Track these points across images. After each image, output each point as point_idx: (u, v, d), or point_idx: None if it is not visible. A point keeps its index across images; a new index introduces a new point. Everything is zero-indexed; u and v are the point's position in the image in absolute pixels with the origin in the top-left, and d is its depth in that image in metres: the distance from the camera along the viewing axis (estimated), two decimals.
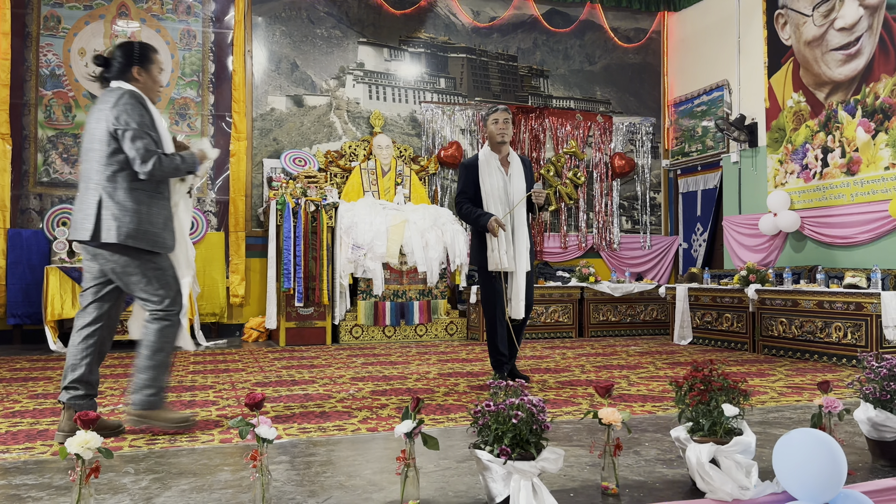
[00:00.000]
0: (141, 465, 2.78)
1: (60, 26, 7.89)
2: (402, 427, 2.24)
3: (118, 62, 3.36)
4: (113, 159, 3.21)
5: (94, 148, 3.25)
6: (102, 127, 3.22)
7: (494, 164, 4.78)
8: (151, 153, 3.20)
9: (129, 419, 3.34)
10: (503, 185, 4.75)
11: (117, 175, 3.22)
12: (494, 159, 4.79)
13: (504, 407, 2.26)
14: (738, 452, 2.37)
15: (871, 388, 2.79)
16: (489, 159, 4.79)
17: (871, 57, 7.29)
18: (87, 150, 3.30)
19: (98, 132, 3.24)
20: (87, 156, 3.28)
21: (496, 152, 4.82)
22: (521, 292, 4.70)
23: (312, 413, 3.84)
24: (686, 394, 2.51)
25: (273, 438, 2.19)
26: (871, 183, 7.21)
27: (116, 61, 3.37)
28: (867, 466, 2.79)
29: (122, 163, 3.22)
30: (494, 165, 4.77)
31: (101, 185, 3.21)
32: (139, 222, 3.23)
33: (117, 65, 3.37)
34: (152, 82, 3.46)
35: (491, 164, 4.77)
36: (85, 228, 3.20)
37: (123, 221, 3.19)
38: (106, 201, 3.20)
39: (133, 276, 3.27)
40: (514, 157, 4.88)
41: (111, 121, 3.19)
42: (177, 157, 3.34)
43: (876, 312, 5.61)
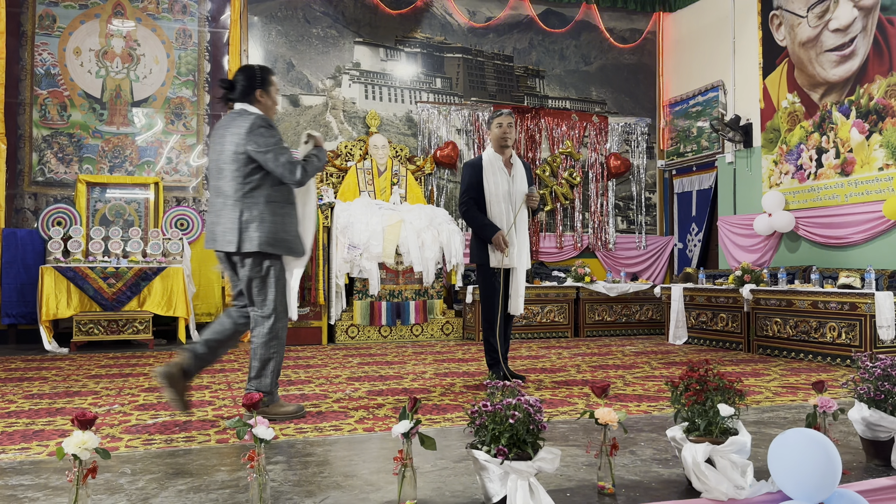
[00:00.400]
0: (138, 466, 2.78)
1: (56, 25, 7.88)
2: (399, 427, 2.25)
3: (242, 85, 3.62)
4: (250, 178, 3.51)
5: (227, 168, 3.53)
6: (234, 150, 3.50)
7: (498, 165, 4.86)
8: (295, 164, 3.51)
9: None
10: (507, 186, 4.82)
11: (254, 191, 3.52)
12: (498, 161, 4.87)
13: (501, 407, 2.27)
14: (733, 452, 2.39)
15: (866, 387, 2.81)
16: (493, 161, 4.87)
17: (866, 58, 7.32)
18: (218, 168, 3.58)
19: (231, 153, 3.51)
20: (220, 174, 3.56)
21: (500, 154, 4.90)
22: (521, 289, 4.86)
23: (309, 413, 3.85)
24: (682, 394, 2.52)
25: (270, 439, 2.19)
26: (866, 183, 7.24)
27: (240, 84, 3.62)
28: (861, 466, 2.81)
29: (257, 180, 3.52)
30: (498, 167, 4.85)
31: (241, 201, 3.51)
32: (275, 231, 3.54)
33: (241, 88, 3.62)
34: (272, 102, 3.71)
35: (494, 166, 4.85)
36: (229, 241, 3.53)
37: (262, 231, 3.51)
38: (245, 215, 3.50)
39: (255, 279, 3.60)
40: (516, 158, 4.97)
41: (251, 147, 3.47)
42: (312, 159, 3.64)
43: (870, 312, 5.63)
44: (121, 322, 7.10)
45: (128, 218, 7.94)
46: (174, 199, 8.21)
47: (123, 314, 7.13)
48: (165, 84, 8.24)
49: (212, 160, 3.64)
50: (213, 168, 3.62)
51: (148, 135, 8.12)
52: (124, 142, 8.05)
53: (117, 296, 7.15)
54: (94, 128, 7.95)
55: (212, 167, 3.64)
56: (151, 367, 5.71)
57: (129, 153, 8.06)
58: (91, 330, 7.01)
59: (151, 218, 7.98)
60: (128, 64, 8.12)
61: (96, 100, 7.98)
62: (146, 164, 8.12)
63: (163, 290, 7.28)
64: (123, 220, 7.92)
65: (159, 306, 7.26)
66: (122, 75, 8.09)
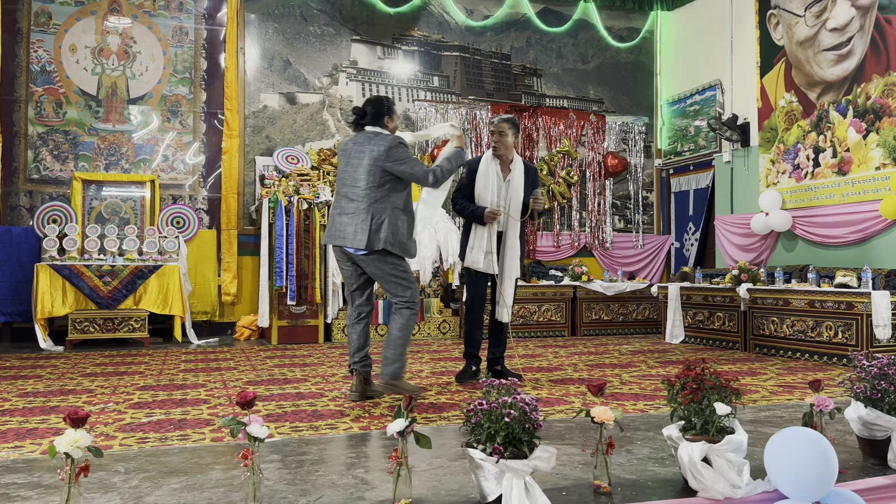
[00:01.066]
0: (132, 464, 2.76)
1: (51, 22, 7.85)
2: (394, 426, 2.24)
3: (372, 112, 4.22)
4: (382, 188, 4.10)
5: (363, 178, 4.12)
6: (372, 163, 4.09)
7: (494, 168, 4.83)
8: (428, 170, 4.17)
9: (381, 386, 4.21)
10: (497, 189, 4.80)
11: (384, 199, 4.11)
12: (494, 164, 4.84)
13: (497, 405, 2.26)
14: (730, 451, 2.38)
15: (862, 386, 2.80)
16: (490, 163, 4.84)
17: (863, 57, 7.32)
18: (353, 176, 4.15)
19: (368, 166, 4.10)
20: (356, 183, 4.13)
21: (497, 158, 4.87)
22: (507, 298, 4.83)
23: (304, 412, 3.83)
24: (678, 392, 2.51)
25: (265, 437, 2.18)
26: (863, 183, 7.24)
27: (371, 111, 4.22)
28: (858, 465, 2.80)
29: (386, 191, 4.12)
30: (494, 170, 4.82)
31: (373, 207, 4.08)
32: (396, 234, 4.12)
33: (372, 114, 4.22)
34: (394, 126, 4.30)
35: (490, 168, 4.82)
36: (360, 240, 4.06)
37: (388, 233, 4.08)
38: (376, 219, 4.08)
39: (389, 274, 4.16)
40: (518, 164, 4.90)
41: (389, 163, 4.07)
42: (443, 163, 4.28)
43: (866, 312, 5.63)
44: (116, 320, 7.08)
45: (123, 216, 7.91)
46: (170, 196, 8.18)
47: (119, 312, 7.10)
48: (161, 81, 8.22)
49: (346, 170, 4.20)
50: (347, 177, 4.19)
51: (144, 132, 8.10)
52: (120, 139, 8.03)
53: (113, 294, 7.12)
54: (90, 125, 7.93)
55: (346, 176, 4.20)
56: (147, 366, 5.69)
57: (125, 151, 8.04)
58: (86, 328, 6.98)
59: (147, 216, 7.96)
60: (124, 61, 8.09)
61: (92, 97, 7.95)
62: (142, 161, 8.10)
63: (159, 289, 7.26)
64: (119, 217, 7.89)
65: (155, 304, 7.24)
66: (118, 72, 8.06)
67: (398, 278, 4.19)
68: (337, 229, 4.17)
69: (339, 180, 4.25)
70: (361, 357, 4.27)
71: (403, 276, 4.21)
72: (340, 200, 4.21)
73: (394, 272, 4.17)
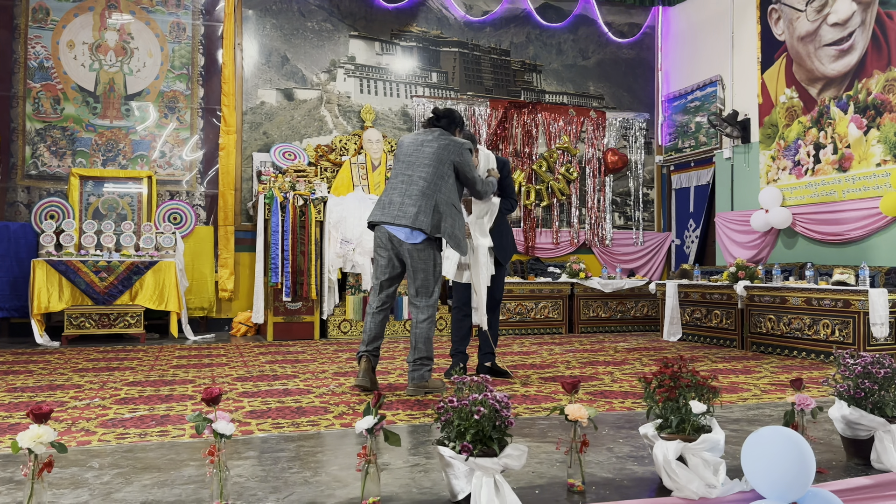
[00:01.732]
0: (107, 460, 2.75)
1: (49, 18, 7.85)
2: (362, 423, 2.21)
3: (447, 122, 4.42)
4: (448, 182, 4.21)
5: (428, 164, 4.20)
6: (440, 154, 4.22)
7: None
8: (481, 181, 4.42)
9: (412, 391, 4.20)
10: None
11: (449, 192, 4.22)
12: None
13: (467, 403, 2.23)
14: (705, 450, 2.34)
15: (846, 385, 2.76)
16: None
17: (864, 52, 7.24)
18: (419, 161, 4.22)
19: (435, 155, 4.22)
20: (418, 166, 4.21)
21: None
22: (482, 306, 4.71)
23: (289, 408, 3.81)
24: (654, 391, 2.48)
25: (230, 434, 2.16)
26: (863, 179, 7.17)
27: (446, 120, 4.42)
28: (841, 465, 2.76)
29: (451, 185, 4.24)
30: None
31: (436, 194, 4.15)
32: (454, 227, 4.20)
33: (446, 122, 4.42)
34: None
35: None
36: (422, 221, 4.07)
37: (448, 224, 4.15)
38: (440, 207, 4.14)
39: (431, 268, 4.19)
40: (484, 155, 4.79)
41: (458, 159, 4.24)
42: (489, 182, 4.52)
43: (863, 310, 5.58)
44: (112, 316, 7.08)
45: (121, 212, 7.92)
46: (167, 192, 8.18)
47: (115, 308, 7.11)
48: (159, 77, 8.21)
49: (410, 152, 4.28)
50: (411, 159, 4.25)
51: (146, 125, 8.09)
52: (118, 135, 8.03)
53: (109, 289, 7.13)
54: (88, 121, 7.93)
55: (410, 159, 4.25)
56: (139, 362, 5.69)
57: (123, 147, 8.04)
58: (82, 324, 6.99)
59: (144, 212, 7.96)
60: (121, 57, 8.09)
61: (90, 93, 7.96)
62: (140, 157, 8.10)
63: (155, 284, 7.26)
64: (116, 213, 7.90)
65: (151, 300, 7.24)
66: (115, 69, 8.06)
67: (435, 276, 4.23)
68: (398, 209, 4.14)
69: (406, 164, 4.27)
70: (375, 347, 4.31)
71: (438, 276, 4.27)
72: (401, 183, 4.22)
73: (434, 269, 4.22)
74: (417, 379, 4.22)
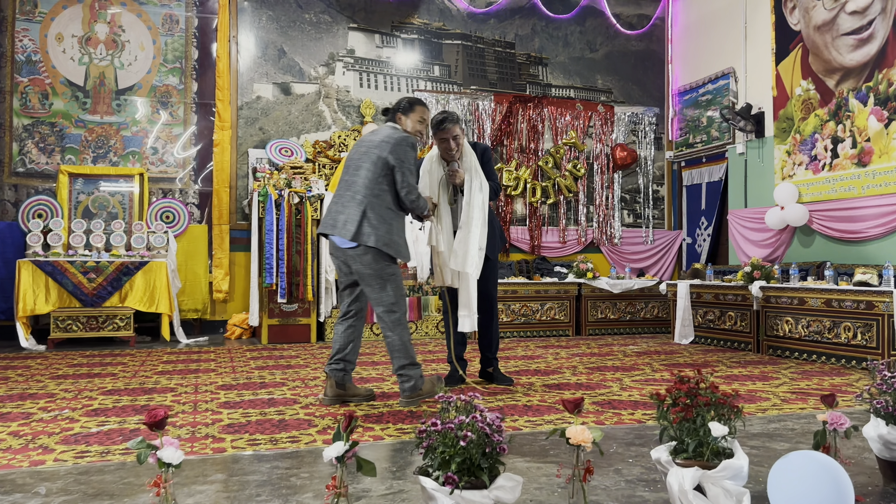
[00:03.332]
0: (57, 484, 2.47)
1: (37, 11, 7.60)
2: (331, 451, 1.92)
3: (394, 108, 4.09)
4: (382, 183, 3.83)
5: (364, 167, 3.87)
6: (378, 154, 3.84)
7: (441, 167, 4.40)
8: (414, 188, 3.88)
9: (404, 404, 3.93)
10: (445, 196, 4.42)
11: (383, 194, 3.84)
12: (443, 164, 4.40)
13: (452, 426, 1.94)
14: (727, 478, 2.04)
15: (883, 401, 2.45)
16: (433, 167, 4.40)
17: (885, 41, 6.90)
18: (356, 164, 3.90)
19: (374, 156, 3.86)
20: (357, 171, 3.88)
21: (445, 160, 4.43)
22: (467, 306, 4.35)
23: (270, 421, 3.53)
24: (668, 409, 2.18)
25: (179, 463, 1.87)
26: (884, 175, 6.83)
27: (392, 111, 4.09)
28: (878, 490, 2.45)
29: (389, 185, 3.85)
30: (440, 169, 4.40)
31: (367, 199, 3.82)
32: (390, 233, 3.84)
33: (392, 113, 4.09)
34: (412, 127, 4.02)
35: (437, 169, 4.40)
36: (348, 230, 3.80)
37: (382, 231, 3.80)
38: (369, 213, 3.80)
39: (376, 275, 3.83)
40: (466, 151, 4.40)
41: (392, 156, 3.81)
42: (422, 199, 3.95)
43: (888, 312, 5.24)
44: (101, 318, 6.83)
45: (111, 210, 7.66)
46: (160, 190, 7.92)
47: (103, 310, 6.85)
48: (151, 71, 7.95)
49: (352, 158, 3.97)
50: (351, 165, 3.95)
51: (141, 119, 7.82)
52: (108, 131, 7.77)
53: (97, 291, 6.87)
54: (77, 117, 7.67)
55: (350, 163, 3.96)
56: (124, 367, 5.42)
57: (114, 143, 7.78)
58: (69, 326, 6.74)
59: (136, 210, 7.70)
60: (112, 50, 7.83)
61: (79, 88, 7.70)
62: (131, 154, 7.84)
63: (145, 286, 7.00)
64: (107, 212, 7.64)
65: (141, 302, 6.98)
66: (106, 62, 7.80)
67: (392, 283, 3.87)
68: (329, 217, 3.94)
69: (348, 166, 3.99)
70: (338, 359, 4.01)
71: (387, 278, 3.87)
72: (340, 188, 3.98)
73: (386, 274, 3.85)
74: (409, 390, 3.93)
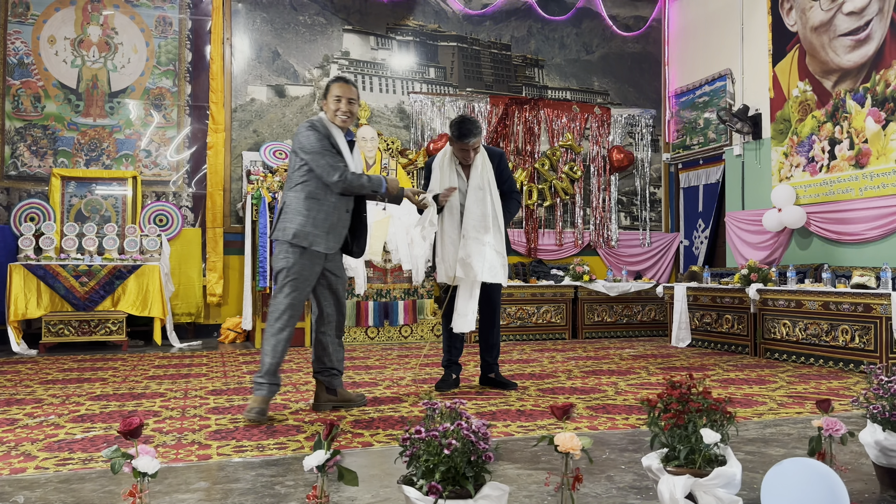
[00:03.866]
0: (36, 493, 2.42)
1: (29, 13, 7.55)
2: (311, 459, 1.87)
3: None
4: (297, 173, 3.74)
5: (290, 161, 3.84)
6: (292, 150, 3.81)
7: (453, 166, 4.45)
8: (334, 167, 3.66)
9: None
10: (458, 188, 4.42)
11: (300, 186, 3.72)
12: (453, 161, 4.47)
13: (437, 434, 1.88)
14: (719, 486, 1.99)
15: (880, 406, 2.40)
16: (444, 162, 4.46)
17: (882, 42, 6.86)
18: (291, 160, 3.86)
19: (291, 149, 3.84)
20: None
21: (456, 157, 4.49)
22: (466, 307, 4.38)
23: (258, 428, 3.47)
24: (659, 416, 2.13)
25: (154, 472, 1.82)
26: (882, 176, 6.79)
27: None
28: (875, 497, 2.40)
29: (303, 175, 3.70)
30: (453, 167, 4.45)
31: (287, 193, 3.76)
32: (305, 225, 3.66)
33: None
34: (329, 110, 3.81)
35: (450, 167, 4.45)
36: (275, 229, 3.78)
37: (295, 224, 3.66)
38: (287, 206, 3.73)
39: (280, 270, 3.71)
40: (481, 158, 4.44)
41: (299, 151, 3.72)
42: (363, 177, 3.76)
43: (886, 314, 5.19)
44: (93, 323, 6.77)
45: (104, 213, 7.60)
46: (153, 193, 7.86)
47: (96, 314, 6.79)
48: (144, 74, 7.90)
49: None
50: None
51: (134, 121, 7.77)
52: (101, 134, 7.72)
53: (90, 295, 6.82)
54: (70, 120, 7.62)
55: None
56: (114, 372, 5.37)
57: (107, 146, 7.73)
58: (61, 331, 6.68)
59: (129, 213, 7.65)
60: (105, 53, 7.78)
61: (72, 90, 7.65)
62: (124, 157, 7.78)
63: (138, 290, 6.94)
64: (100, 215, 7.58)
65: (134, 306, 6.92)
66: (98, 65, 7.75)
67: (277, 273, 3.73)
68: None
69: None
70: (321, 367, 3.95)
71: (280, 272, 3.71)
72: None
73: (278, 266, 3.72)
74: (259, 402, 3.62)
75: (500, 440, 3.21)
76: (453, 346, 4.60)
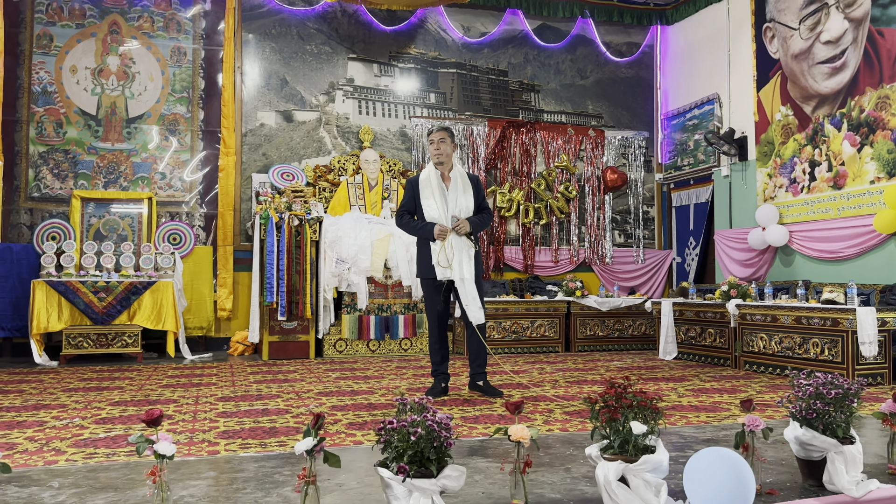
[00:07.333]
0: (68, 480, 2.81)
1: (53, 44, 8.05)
2: (301, 445, 2.25)
3: None
4: None
5: None
6: None
7: (435, 180, 4.95)
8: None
9: None
10: (442, 200, 4.92)
11: None
12: (436, 176, 4.97)
13: (406, 424, 2.27)
14: (647, 471, 2.35)
15: (798, 406, 2.76)
16: (430, 176, 4.97)
17: (857, 70, 7.24)
18: None
19: None
20: None
21: (438, 169, 5.00)
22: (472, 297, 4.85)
23: (262, 429, 3.86)
24: (599, 411, 2.50)
25: (171, 454, 2.21)
26: (857, 197, 7.14)
27: None
28: (797, 486, 2.76)
29: None
30: (435, 182, 4.94)
31: None
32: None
33: None
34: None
35: (432, 181, 4.95)
36: None
37: None
38: None
39: None
40: (458, 172, 5.02)
41: None
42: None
43: (852, 328, 5.54)
44: (110, 335, 7.19)
45: (121, 233, 8.05)
46: (168, 213, 8.31)
47: (113, 328, 7.21)
48: (160, 101, 8.37)
49: None
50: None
51: (150, 146, 8.25)
52: (119, 158, 8.18)
53: (107, 309, 7.24)
54: (90, 144, 8.10)
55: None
56: (131, 381, 5.77)
57: (124, 169, 8.19)
58: (80, 343, 7.10)
59: (145, 232, 8.09)
60: (123, 81, 8.26)
61: (92, 117, 8.13)
62: (140, 179, 8.24)
63: (152, 304, 7.36)
64: (117, 234, 8.03)
65: (148, 320, 7.34)
66: (117, 93, 8.24)
67: None
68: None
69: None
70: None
71: None
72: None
73: None
74: None
75: (479, 440, 3.58)
76: (440, 354, 5.02)
